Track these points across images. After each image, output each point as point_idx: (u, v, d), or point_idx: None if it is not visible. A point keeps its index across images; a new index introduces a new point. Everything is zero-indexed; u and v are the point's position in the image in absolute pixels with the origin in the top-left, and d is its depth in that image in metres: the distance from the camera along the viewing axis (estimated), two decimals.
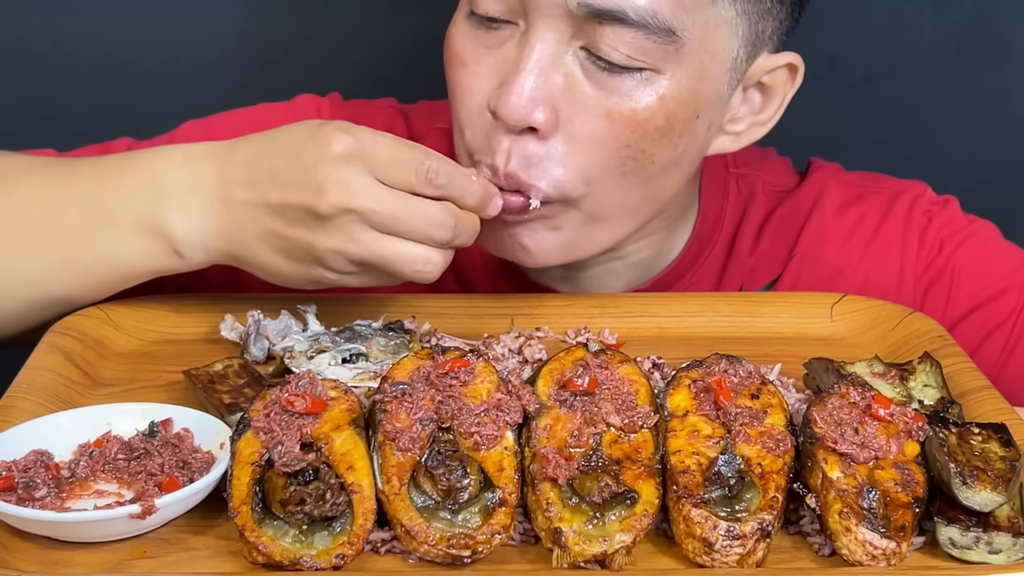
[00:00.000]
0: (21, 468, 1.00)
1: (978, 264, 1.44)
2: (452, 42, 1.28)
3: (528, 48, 1.21)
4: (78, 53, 1.81)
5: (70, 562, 0.95)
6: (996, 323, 1.41)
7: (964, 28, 1.84)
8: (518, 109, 1.21)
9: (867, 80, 1.86)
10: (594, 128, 1.23)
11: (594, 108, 1.22)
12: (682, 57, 1.22)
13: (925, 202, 1.48)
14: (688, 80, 1.23)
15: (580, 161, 1.24)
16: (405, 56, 1.60)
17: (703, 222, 1.45)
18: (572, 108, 1.22)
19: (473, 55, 1.26)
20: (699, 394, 1.05)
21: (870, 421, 1.02)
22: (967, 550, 0.96)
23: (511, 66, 1.22)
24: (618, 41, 1.20)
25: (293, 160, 1.17)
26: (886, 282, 1.44)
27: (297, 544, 0.95)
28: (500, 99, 1.22)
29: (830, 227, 1.47)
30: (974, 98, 1.86)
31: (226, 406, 1.09)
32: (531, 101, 1.21)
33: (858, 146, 1.64)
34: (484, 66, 1.25)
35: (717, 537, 0.94)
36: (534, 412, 1.03)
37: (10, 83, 1.81)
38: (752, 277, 1.46)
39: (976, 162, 1.85)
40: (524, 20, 1.23)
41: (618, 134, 1.23)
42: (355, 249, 1.16)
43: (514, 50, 1.23)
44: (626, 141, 1.23)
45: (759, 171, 1.50)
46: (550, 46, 1.21)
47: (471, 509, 0.97)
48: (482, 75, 1.25)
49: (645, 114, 1.22)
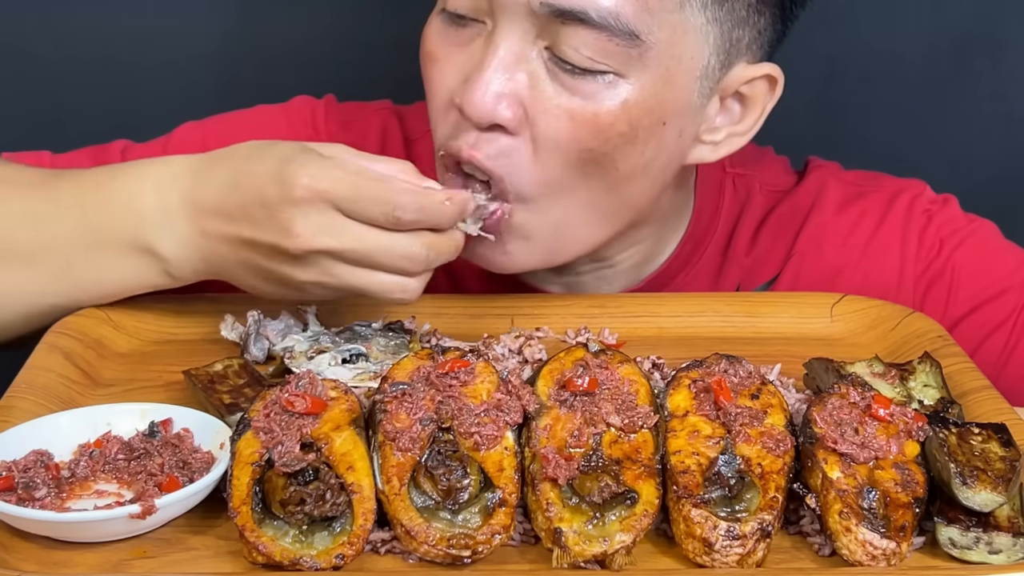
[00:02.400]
0: (21, 468, 1.00)
1: (978, 264, 1.44)
2: (425, 40, 1.29)
3: (493, 46, 1.22)
4: (78, 53, 1.81)
5: (70, 562, 0.95)
6: (996, 323, 1.41)
7: (964, 28, 1.84)
8: (481, 106, 1.21)
9: (867, 80, 1.86)
10: (556, 128, 1.23)
11: (556, 109, 1.22)
12: (646, 62, 1.22)
13: (924, 201, 1.47)
14: (653, 86, 1.23)
15: (542, 161, 1.24)
16: (400, 58, 1.60)
17: (697, 222, 1.44)
18: (536, 107, 1.23)
19: (443, 52, 1.27)
20: (699, 394, 1.05)
21: (870, 421, 1.02)
22: (967, 550, 0.96)
23: (476, 64, 1.23)
24: (580, 42, 1.20)
25: (259, 200, 1.16)
26: (886, 282, 1.44)
27: (297, 544, 0.95)
28: (464, 95, 1.22)
29: (829, 226, 1.46)
30: (973, 98, 1.86)
31: (226, 406, 1.09)
32: (495, 98, 1.21)
33: (857, 146, 1.64)
34: (452, 63, 1.26)
35: (717, 537, 0.94)
36: (534, 412, 1.03)
37: (10, 83, 1.81)
38: (750, 276, 1.46)
39: (975, 162, 1.85)
40: (491, 19, 1.23)
41: (579, 136, 1.23)
42: (331, 281, 1.17)
43: (480, 48, 1.24)
44: (587, 144, 1.23)
45: (756, 171, 1.49)
46: (515, 44, 1.22)
47: (471, 509, 0.97)
48: (449, 72, 1.26)
49: (608, 118, 1.22)
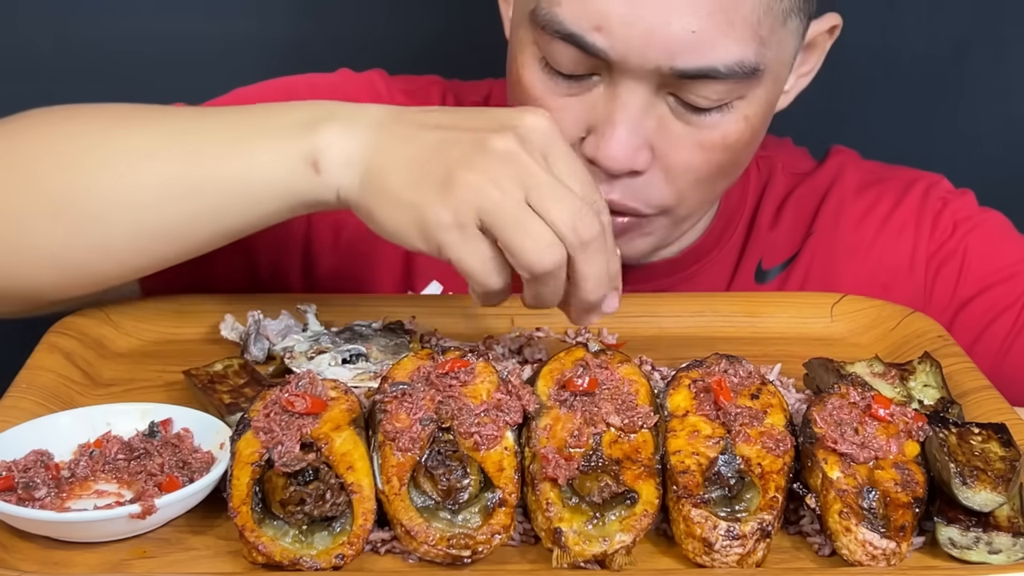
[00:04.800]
0: (21, 468, 1.00)
1: (990, 248, 1.47)
2: (529, 88, 1.28)
3: (620, 102, 1.24)
4: (78, 53, 1.81)
5: (70, 562, 0.95)
6: (1004, 306, 1.44)
7: (964, 28, 1.84)
8: (620, 160, 1.25)
9: (867, 80, 1.86)
10: (688, 158, 1.28)
11: (686, 142, 1.27)
12: (762, 80, 1.27)
13: (941, 189, 1.51)
14: (767, 93, 1.29)
15: (676, 184, 1.30)
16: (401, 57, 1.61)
17: (727, 200, 1.48)
18: (666, 145, 1.27)
19: (554, 103, 1.26)
20: (699, 394, 1.05)
21: (870, 421, 1.02)
22: (967, 550, 0.96)
23: (602, 117, 1.25)
24: (708, 91, 1.24)
25: (484, 112, 1.17)
26: (899, 261, 1.48)
27: (297, 544, 0.95)
28: (600, 151, 1.25)
29: (847, 206, 1.50)
30: (974, 98, 1.87)
31: (226, 406, 1.09)
32: (631, 151, 1.25)
33: (858, 146, 1.63)
34: (569, 112, 1.27)
35: (717, 537, 0.94)
36: (534, 412, 1.03)
37: (10, 83, 1.81)
38: (771, 254, 1.50)
39: (976, 162, 1.85)
40: (608, 72, 1.24)
41: (710, 158, 1.29)
42: (495, 195, 1.05)
43: (602, 101, 1.26)
44: (718, 161, 1.30)
45: (778, 154, 1.54)
46: (642, 98, 1.25)
47: (471, 509, 0.97)
48: (567, 121, 1.26)
49: (734, 136, 1.28)
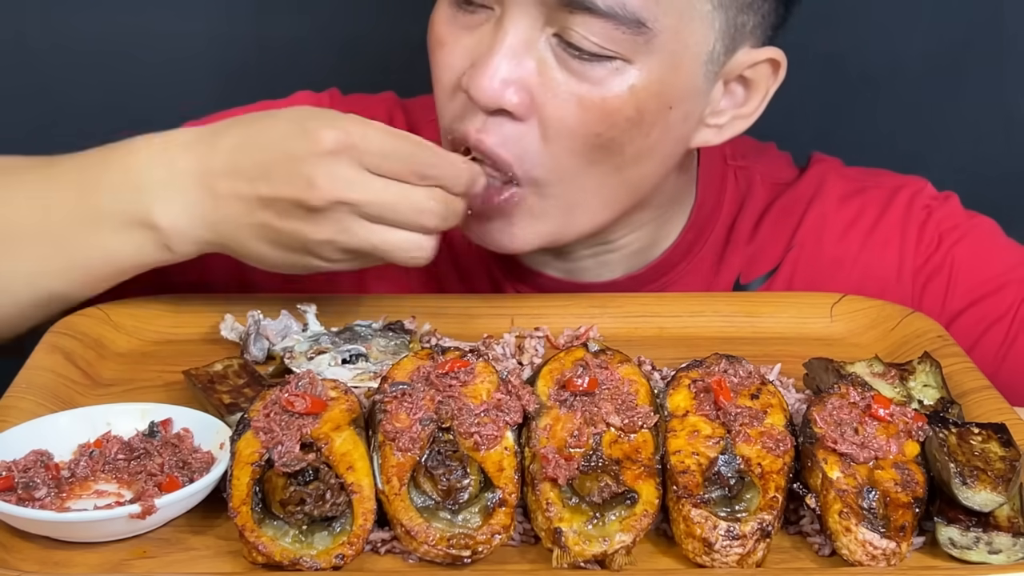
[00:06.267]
0: (21, 468, 1.00)
1: (977, 259, 1.45)
2: (433, 24, 1.30)
3: (502, 32, 1.24)
4: (78, 53, 1.81)
5: (70, 562, 0.95)
6: (995, 318, 1.42)
7: (964, 28, 1.84)
8: (489, 91, 1.23)
9: (867, 80, 1.86)
10: (564, 114, 1.24)
11: (565, 94, 1.24)
12: (653, 48, 1.23)
13: (925, 197, 1.48)
14: (660, 71, 1.24)
15: (550, 146, 1.26)
16: (401, 55, 1.61)
17: (699, 211, 1.45)
18: (544, 93, 1.24)
19: (450, 35, 1.28)
20: (699, 394, 1.05)
21: (870, 421, 1.02)
22: (967, 550, 0.96)
23: (485, 48, 1.25)
24: (588, 30, 1.21)
25: (282, 155, 1.18)
26: (885, 275, 1.45)
27: (297, 544, 0.95)
28: (472, 80, 1.24)
29: (829, 219, 1.48)
30: (974, 98, 1.86)
31: (226, 406, 1.09)
32: (503, 84, 1.23)
33: (858, 145, 1.64)
34: (459, 46, 1.27)
35: (717, 537, 0.94)
36: (534, 412, 1.03)
37: (10, 83, 1.81)
38: (750, 267, 1.47)
39: (976, 162, 1.85)
40: (500, 5, 1.25)
41: (587, 121, 1.24)
42: (347, 239, 1.18)
43: (489, 33, 1.25)
44: (595, 129, 1.25)
45: (758, 163, 1.51)
46: (523, 31, 1.24)
47: (471, 509, 0.97)
48: (457, 54, 1.27)
49: (615, 103, 1.24)
